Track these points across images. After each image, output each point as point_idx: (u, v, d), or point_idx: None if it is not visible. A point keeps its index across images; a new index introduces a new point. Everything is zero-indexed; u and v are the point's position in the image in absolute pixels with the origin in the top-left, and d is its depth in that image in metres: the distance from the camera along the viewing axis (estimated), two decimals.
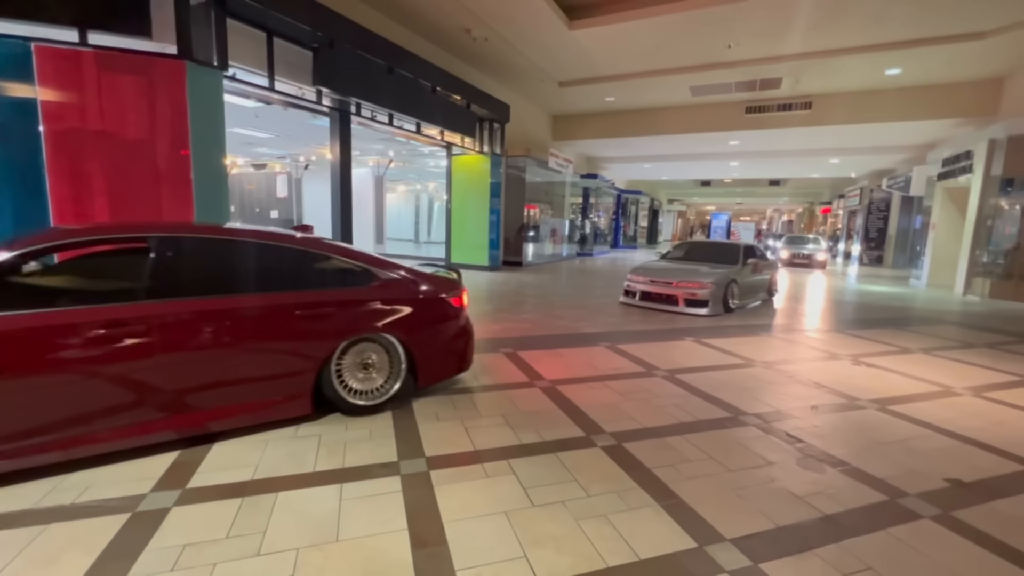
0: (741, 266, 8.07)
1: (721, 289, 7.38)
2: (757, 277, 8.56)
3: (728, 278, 7.58)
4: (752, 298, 8.54)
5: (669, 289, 7.53)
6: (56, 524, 2.06)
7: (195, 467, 2.56)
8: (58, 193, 5.48)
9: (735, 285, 7.72)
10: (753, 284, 8.46)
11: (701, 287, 7.27)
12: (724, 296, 7.43)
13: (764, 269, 8.86)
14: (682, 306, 7.41)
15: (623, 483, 2.57)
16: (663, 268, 8.22)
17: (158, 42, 5.64)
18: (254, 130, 11.78)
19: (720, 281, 7.42)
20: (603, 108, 15.21)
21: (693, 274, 7.65)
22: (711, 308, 7.27)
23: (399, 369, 3.40)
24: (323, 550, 1.97)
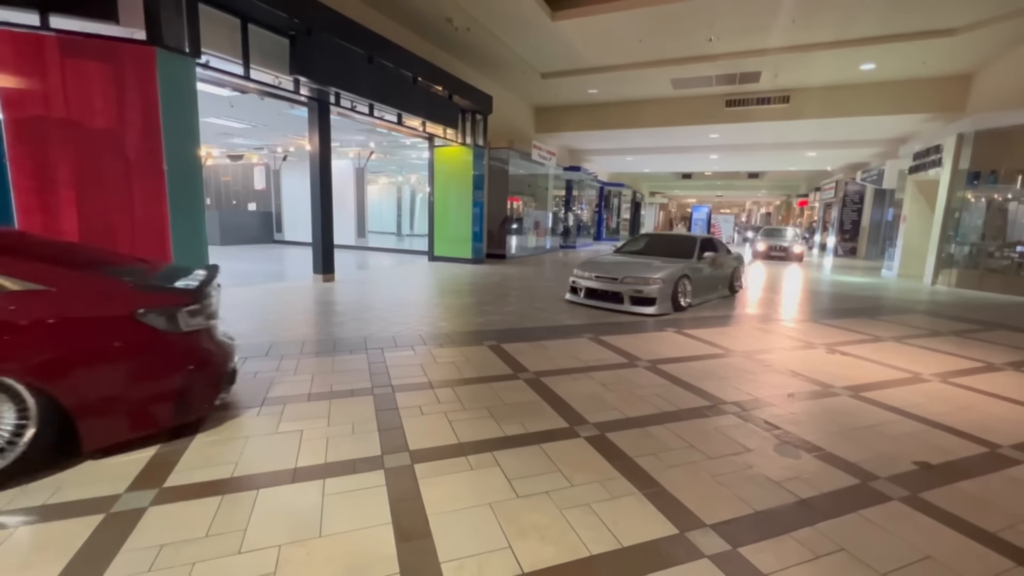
0: (696, 260, 7.59)
1: (670, 285, 6.78)
2: (716, 272, 8.16)
3: (679, 273, 6.99)
4: (710, 294, 8.10)
5: (614, 286, 6.85)
6: (25, 528, 2.00)
7: (172, 466, 2.51)
8: (20, 184, 5.26)
9: (687, 281, 7.18)
10: (710, 279, 8.02)
11: (648, 283, 6.65)
12: (674, 293, 6.85)
13: (725, 263, 8.51)
14: (627, 304, 6.75)
15: (606, 472, 2.60)
16: (611, 263, 7.55)
17: (125, 27, 5.43)
18: (229, 120, 11.46)
19: (670, 277, 6.81)
20: (586, 100, 15.22)
21: (641, 269, 7.00)
22: (659, 306, 6.67)
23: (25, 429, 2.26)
24: (306, 546, 1.95)
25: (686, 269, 7.21)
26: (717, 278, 8.28)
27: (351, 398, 3.48)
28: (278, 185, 17.34)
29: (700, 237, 8.23)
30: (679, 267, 7.14)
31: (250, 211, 17.88)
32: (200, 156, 6.14)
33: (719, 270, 8.31)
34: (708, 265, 7.89)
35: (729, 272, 8.68)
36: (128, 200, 5.62)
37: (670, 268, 7.00)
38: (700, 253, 7.80)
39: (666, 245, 8.36)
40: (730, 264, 8.74)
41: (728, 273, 8.66)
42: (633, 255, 8.18)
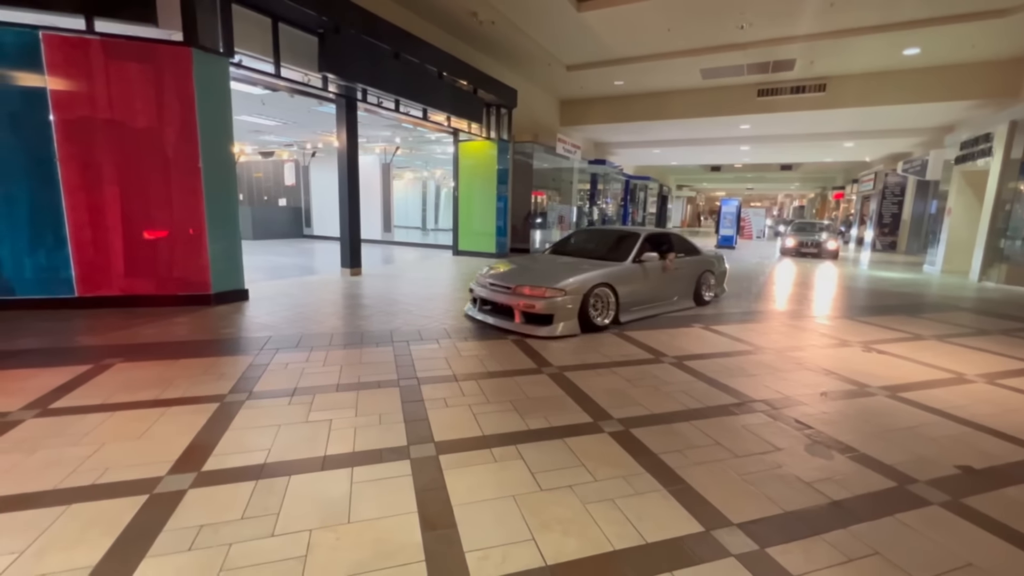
0: (631, 263, 5.91)
1: (576, 299, 5.15)
2: (668, 277, 6.43)
3: (595, 282, 5.34)
4: (660, 306, 6.39)
5: (506, 297, 5.29)
6: (76, 505, 2.13)
7: (210, 450, 2.62)
8: (69, 182, 5.54)
9: (610, 291, 5.50)
10: (658, 286, 6.29)
11: (543, 296, 5.07)
12: (583, 308, 5.22)
13: (685, 266, 6.72)
14: (519, 322, 5.19)
15: (630, 468, 2.59)
16: (518, 267, 5.95)
17: (164, 29, 5.63)
18: (261, 117, 11.78)
19: (577, 287, 5.17)
20: (612, 92, 14.98)
21: (542, 276, 5.41)
22: (558, 326, 5.07)
23: None
24: (335, 531, 2.01)
25: (608, 276, 5.53)
26: (671, 285, 6.51)
27: (378, 389, 3.55)
28: (307, 181, 17.74)
29: (645, 233, 6.41)
30: (596, 274, 5.45)
31: (280, 206, 18.36)
32: (234, 153, 6.34)
33: (674, 275, 6.54)
34: (653, 269, 6.15)
35: (693, 277, 6.88)
36: (167, 196, 5.86)
37: (581, 276, 5.33)
38: (639, 254, 6.06)
39: (602, 243, 6.68)
40: (695, 267, 6.91)
41: (691, 278, 6.86)
42: (561, 255, 6.63)
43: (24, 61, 5.23)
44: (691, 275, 6.87)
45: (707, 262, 7.20)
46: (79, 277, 5.69)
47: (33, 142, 5.37)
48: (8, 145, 5.33)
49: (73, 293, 5.68)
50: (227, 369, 3.88)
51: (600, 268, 5.63)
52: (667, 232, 7.06)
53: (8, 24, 5.15)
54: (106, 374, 3.68)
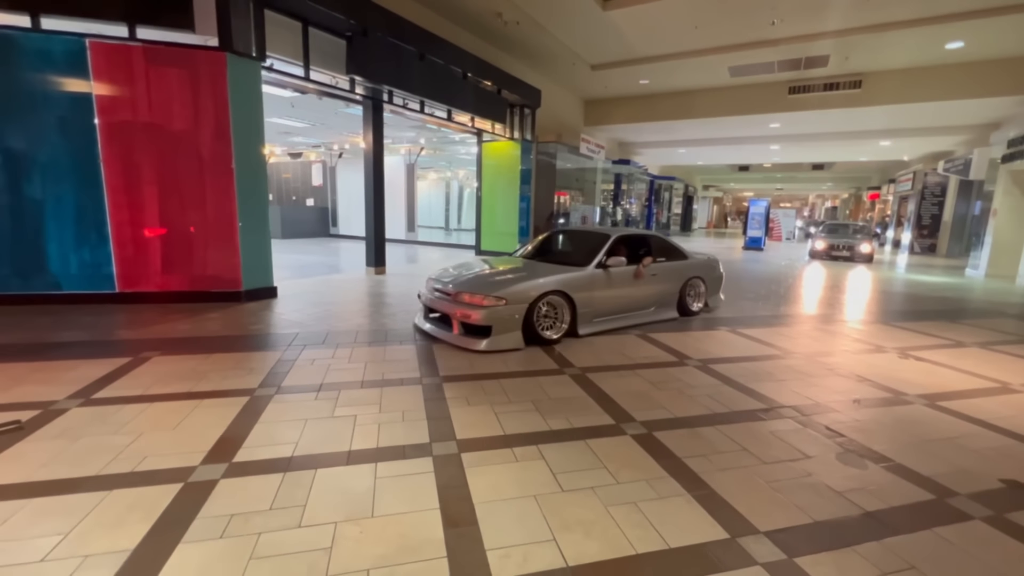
0: (592, 269, 5.19)
1: (521, 308, 4.56)
2: (642, 284, 5.66)
3: (544, 290, 4.70)
4: (630, 316, 5.66)
5: (446, 304, 4.80)
6: (117, 491, 2.22)
7: (240, 442, 2.70)
8: (112, 183, 5.80)
9: (564, 300, 4.85)
10: (629, 295, 5.56)
11: (481, 304, 4.51)
12: (529, 319, 4.62)
13: (664, 273, 5.91)
14: (456, 333, 4.67)
15: (653, 472, 2.55)
16: (467, 272, 5.30)
17: (200, 35, 5.83)
18: (290, 119, 12.07)
19: (523, 295, 4.59)
20: (637, 91, 14.81)
21: (490, 282, 4.81)
22: (496, 339, 4.49)
23: None
24: (360, 524, 2.05)
25: (563, 283, 4.87)
26: (646, 292, 5.76)
27: (401, 386, 3.60)
28: (334, 181, 18.11)
29: (616, 235, 5.66)
30: (547, 281, 4.80)
31: (308, 206, 18.79)
32: (265, 155, 6.52)
33: (651, 282, 5.76)
34: (621, 275, 5.43)
35: (677, 284, 6.07)
36: (201, 196, 6.07)
37: (528, 282, 4.72)
38: (605, 259, 5.32)
39: (572, 246, 6.14)
40: (679, 273, 6.12)
41: (673, 286, 6.05)
42: (532, 258, 6.00)
43: (72, 68, 5.50)
44: (673, 282, 6.04)
45: (695, 267, 6.33)
46: (120, 274, 5.94)
47: (80, 145, 5.64)
48: (57, 148, 5.61)
49: (114, 289, 5.94)
50: (257, 364, 4.00)
51: (555, 274, 4.96)
52: (645, 234, 6.27)
53: (58, 33, 5.42)
54: (144, 367, 3.84)
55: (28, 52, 5.39)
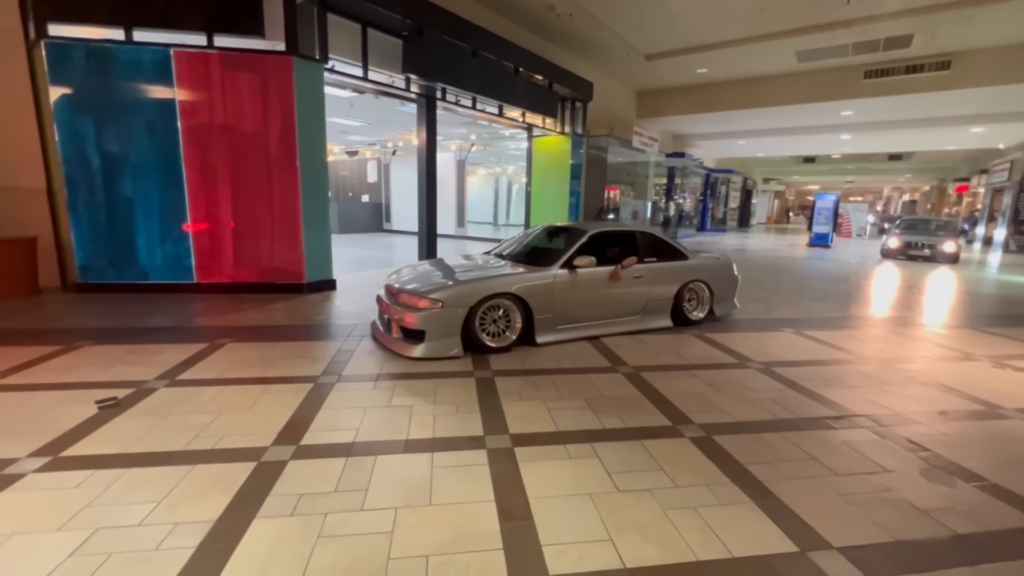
0: (556, 270, 4.61)
1: (460, 312, 4.10)
2: (619, 288, 4.95)
3: (491, 292, 4.21)
4: (606, 324, 4.97)
5: (388, 305, 4.42)
6: (200, 466, 2.41)
7: (306, 427, 2.85)
8: (191, 181, 6.26)
9: (515, 305, 4.34)
10: (604, 299, 4.90)
11: (416, 306, 4.12)
12: (468, 324, 4.15)
13: (650, 276, 5.14)
14: (394, 336, 4.27)
15: (713, 477, 2.46)
16: (423, 270, 4.98)
17: (269, 40, 6.15)
18: (348, 119, 12.55)
19: (463, 298, 4.13)
20: (694, 81, 14.25)
21: (435, 281, 4.39)
22: (431, 345, 4.05)
23: None
24: (418, 512, 2.11)
25: (515, 284, 4.34)
26: (627, 297, 5.04)
27: (454, 379, 3.67)
28: (387, 178, 18.69)
29: (591, 232, 5.00)
30: (495, 282, 4.30)
31: (363, 202, 19.52)
32: (326, 154, 6.82)
33: (634, 286, 5.04)
34: (592, 277, 4.78)
35: (671, 288, 5.30)
36: (269, 193, 6.44)
37: (472, 284, 4.25)
38: (576, 258, 4.69)
39: (547, 243, 5.46)
40: (673, 276, 5.32)
41: (667, 290, 5.28)
42: (502, 257, 5.40)
43: (159, 76, 5.97)
44: (666, 285, 5.26)
45: (696, 270, 5.44)
46: (197, 266, 6.43)
47: (164, 147, 6.13)
48: (146, 150, 6.13)
49: (192, 279, 6.43)
50: (319, 353, 4.20)
51: (509, 275, 4.46)
52: (632, 231, 5.46)
53: (147, 44, 5.91)
54: (219, 352, 4.13)
55: (122, 63, 5.91)
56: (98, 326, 4.78)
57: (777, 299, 7.30)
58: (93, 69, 5.87)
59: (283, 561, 1.80)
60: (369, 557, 1.83)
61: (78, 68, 5.85)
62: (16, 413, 2.92)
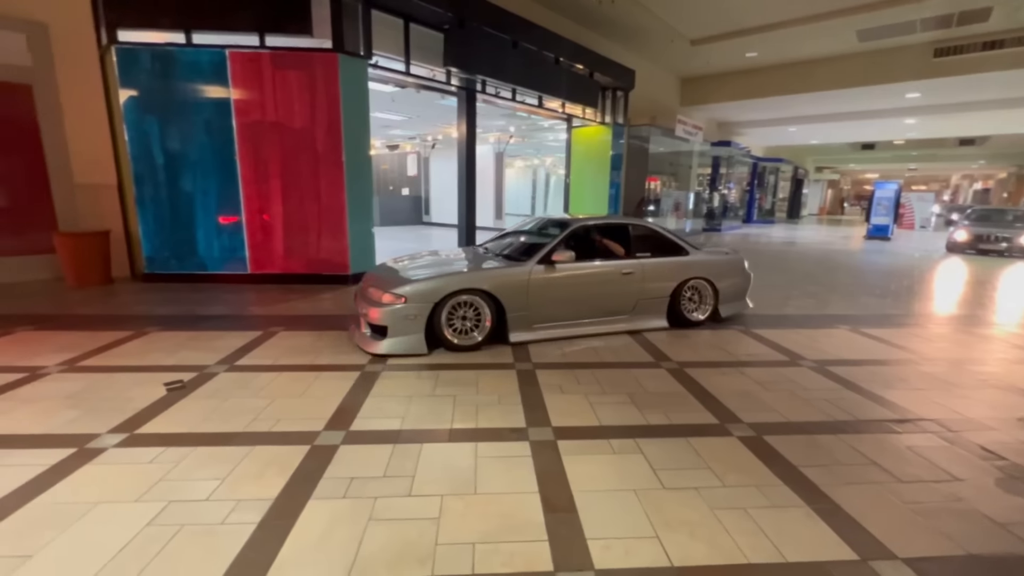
0: (533, 266, 4.33)
1: (424, 308, 3.93)
2: (604, 286, 4.64)
3: (457, 287, 4.02)
4: (590, 323, 4.65)
5: (358, 299, 4.36)
6: (259, 447, 2.55)
7: (355, 413, 2.96)
8: (245, 176, 6.56)
9: (485, 301, 4.12)
10: (587, 298, 4.59)
11: (380, 302, 3.98)
12: (433, 321, 3.99)
13: (655, 272, 4.79)
14: (363, 331, 4.13)
15: (764, 478, 2.37)
16: (403, 264, 4.78)
17: (317, 38, 6.33)
18: (390, 113, 12.78)
19: (428, 293, 3.95)
20: (742, 66, 13.63)
21: (398, 278, 4.20)
22: (392, 343, 3.92)
23: None
24: (464, 500, 2.15)
25: (485, 280, 4.15)
26: (613, 295, 4.70)
27: (496, 371, 3.70)
28: (427, 171, 18.94)
29: (575, 226, 4.73)
30: (463, 277, 4.14)
31: (403, 195, 19.88)
32: (370, 148, 6.98)
33: (622, 283, 4.68)
34: (578, 274, 4.52)
35: (666, 287, 4.88)
36: (316, 187, 6.67)
37: (439, 279, 4.07)
38: (554, 252, 4.40)
39: (537, 237, 5.10)
40: (669, 273, 4.88)
41: (661, 288, 4.87)
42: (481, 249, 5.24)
43: (215, 76, 6.27)
44: (660, 283, 4.84)
45: (697, 267, 4.99)
46: (251, 257, 6.75)
47: (220, 144, 6.45)
48: (204, 147, 6.47)
49: (246, 270, 6.76)
50: None
51: (479, 271, 4.30)
52: (625, 223, 5.09)
53: (205, 46, 6.21)
54: (272, 340, 4.34)
55: (183, 64, 6.24)
56: (163, 313, 5.12)
57: (831, 294, 6.93)
58: (157, 71, 6.24)
59: (338, 540, 1.88)
60: (418, 541, 1.89)
61: (144, 71, 6.23)
62: (98, 392, 3.18)
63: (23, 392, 3.17)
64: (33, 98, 6.24)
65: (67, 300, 5.55)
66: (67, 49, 6.21)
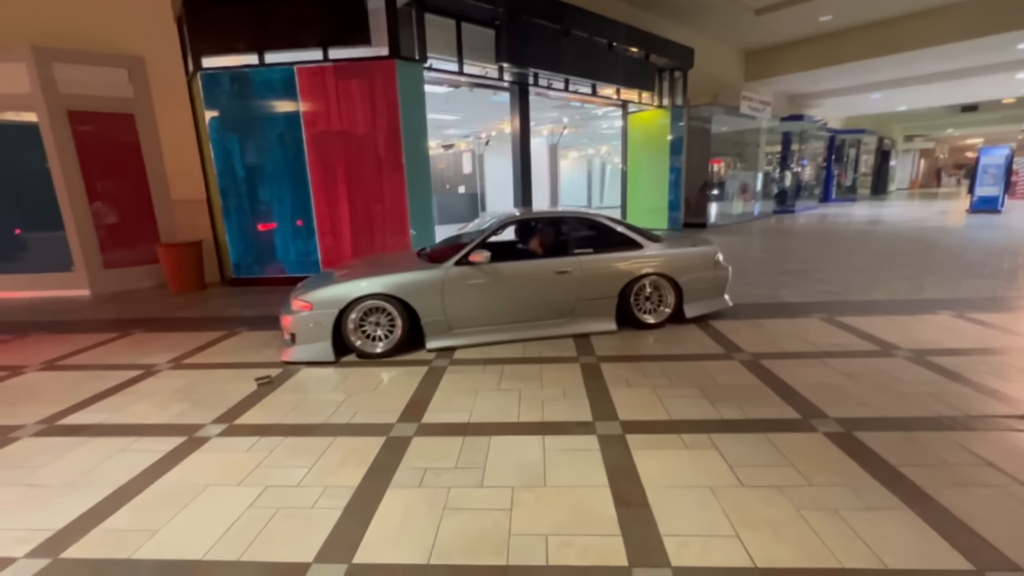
0: (450, 268, 4.06)
1: (326, 315, 3.85)
2: (535, 287, 4.25)
3: (363, 293, 3.89)
4: (519, 328, 4.28)
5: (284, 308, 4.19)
6: (341, 438, 2.72)
7: (425, 406, 3.07)
8: (315, 182, 6.97)
9: (395, 307, 3.94)
10: (516, 300, 4.24)
11: (292, 309, 3.96)
12: (339, 327, 3.90)
13: (593, 270, 4.29)
14: (285, 337, 4.11)
15: (856, 477, 2.20)
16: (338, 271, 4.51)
17: (375, 47, 6.57)
18: (444, 114, 13.06)
19: (333, 300, 3.87)
20: (815, 31, 12.56)
21: (311, 284, 4.22)
22: (300, 350, 3.92)
23: None
24: (534, 492, 2.17)
25: (393, 285, 3.95)
26: (548, 297, 4.29)
27: (559, 364, 3.69)
28: (481, 168, 19.19)
29: (500, 222, 4.43)
30: (370, 283, 3.94)
31: (460, 193, 20.29)
32: (428, 150, 7.18)
33: (556, 284, 4.25)
34: (502, 275, 4.16)
35: (613, 286, 4.37)
36: (379, 190, 6.96)
37: (346, 284, 3.96)
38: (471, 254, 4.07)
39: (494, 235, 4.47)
40: (617, 271, 4.36)
41: (606, 288, 4.36)
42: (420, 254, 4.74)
43: (286, 91, 6.71)
44: (603, 282, 4.35)
45: (652, 262, 4.41)
46: (323, 260, 7.18)
47: (292, 155, 6.90)
48: (278, 159, 6.95)
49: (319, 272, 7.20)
50: None
51: (387, 275, 4.03)
52: (564, 216, 4.62)
53: (275, 64, 6.65)
54: None
55: (257, 83, 6.73)
56: (250, 315, 5.58)
57: (928, 276, 6.26)
58: (236, 92, 6.77)
59: (416, 527, 1.97)
60: (492, 531, 1.94)
61: (224, 92, 6.78)
62: (200, 387, 3.53)
63: (142, 387, 3.59)
64: (136, 125, 7.01)
65: (170, 304, 6.20)
66: (161, 79, 6.90)
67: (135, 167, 7.08)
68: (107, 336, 4.87)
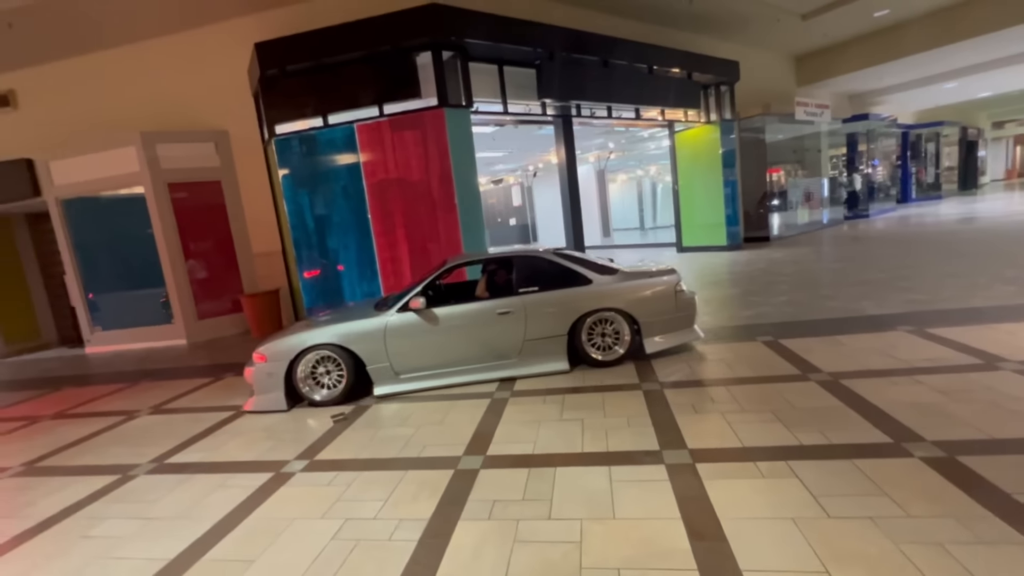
0: (393, 315, 4.14)
1: (278, 367, 4.07)
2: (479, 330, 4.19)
3: (311, 343, 4.06)
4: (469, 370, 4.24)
5: None
6: (412, 471, 2.83)
7: (489, 439, 3.13)
8: (376, 228, 7.45)
9: (342, 355, 4.07)
10: (461, 344, 4.20)
11: (253, 360, 4.22)
12: (289, 375, 4.08)
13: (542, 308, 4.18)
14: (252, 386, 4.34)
15: (964, 507, 1.99)
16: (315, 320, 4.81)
17: (424, 99, 7.06)
18: (492, 151, 13.59)
19: (284, 352, 4.08)
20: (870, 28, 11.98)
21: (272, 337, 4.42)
22: (258, 400, 4.18)
23: None
24: (604, 524, 2.15)
25: (340, 335, 4.09)
26: (489, 339, 4.22)
27: (620, 392, 3.64)
28: (531, 199, 19.58)
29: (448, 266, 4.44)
30: (315, 334, 4.12)
31: (511, 225, 20.74)
32: (478, 187, 7.49)
33: (498, 325, 4.17)
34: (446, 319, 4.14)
35: (560, 325, 4.20)
36: (435, 230, 7.31)
37: (296, 335, 4.15)
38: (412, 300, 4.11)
39: None
40: (564, 309, 4.21)
41: (553, 328, 4.21)
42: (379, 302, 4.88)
43: (347, 147, 7.32)
44: (551, 321, 4.20)
45: (603, 297, 4.23)
46: None
47: (355, 204, 7.45)
48: (343, 209, 7.53)
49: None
50: None
51: (331, 325, 4.19)
52: (508, 256, 4.55)
53: (338, 124, 7.31)
54: None
55: (322, 143, 7.40)
56: None
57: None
58: (304, 152, 7.47)
59: (488, 560, 2.01)
60: (562, 564, 1.93)
61: (295, 153, 7.51)
62: (283, 425, 3.82)
63: (233, 426, 3.93)
64: (222, 189, 7.89)
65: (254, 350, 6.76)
66: (242, 147, 7.77)
67: (221, 226, 7.94)
68: (202, 381, 5.39)
